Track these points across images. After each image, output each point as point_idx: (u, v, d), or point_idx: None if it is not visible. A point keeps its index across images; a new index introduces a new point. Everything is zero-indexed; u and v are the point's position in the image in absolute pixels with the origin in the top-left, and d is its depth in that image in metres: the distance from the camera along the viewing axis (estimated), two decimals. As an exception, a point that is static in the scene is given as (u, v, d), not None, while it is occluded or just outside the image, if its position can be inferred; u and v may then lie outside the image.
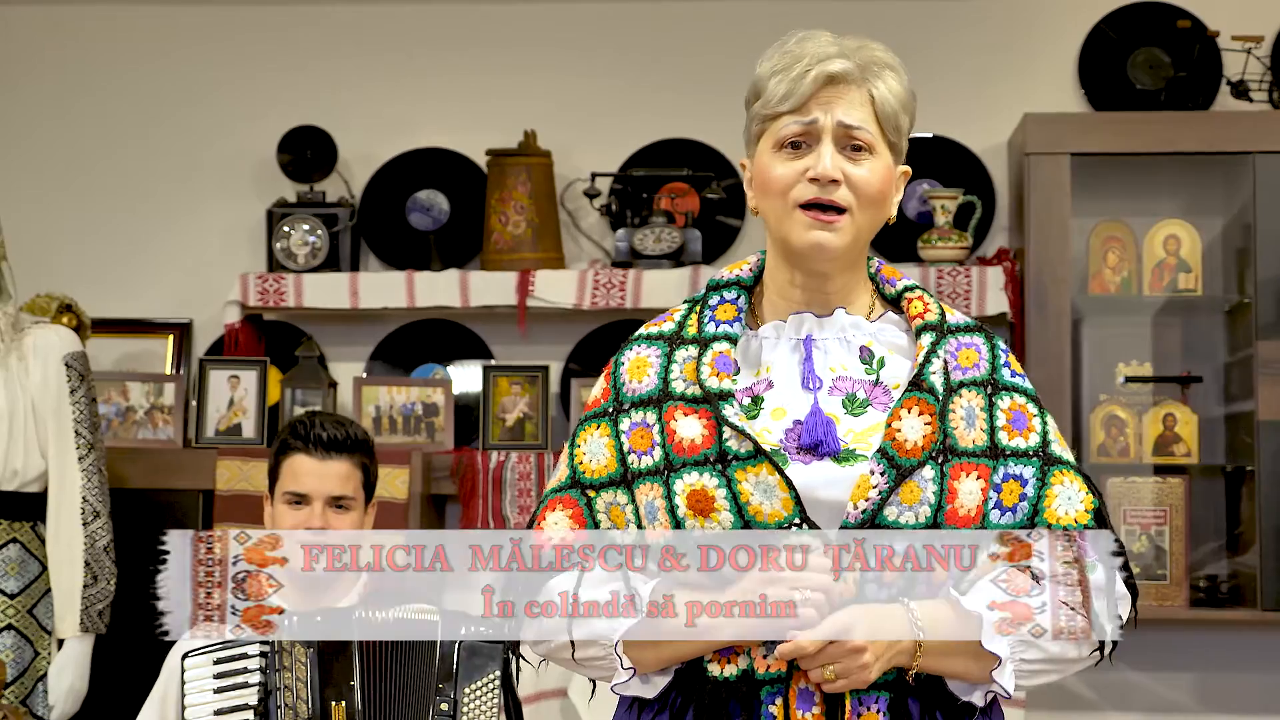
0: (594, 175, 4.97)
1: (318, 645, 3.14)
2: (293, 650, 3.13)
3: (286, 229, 4.95)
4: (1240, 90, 4.82)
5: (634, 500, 2.23)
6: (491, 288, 4.89)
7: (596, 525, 2.25)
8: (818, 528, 2.12)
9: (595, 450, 2.27)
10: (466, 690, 3.13)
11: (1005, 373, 2.26)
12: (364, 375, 5.05)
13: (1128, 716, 4.93)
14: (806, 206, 2.21)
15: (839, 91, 2.24)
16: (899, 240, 4.95)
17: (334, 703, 3.11)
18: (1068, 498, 2.21)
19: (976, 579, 2.17)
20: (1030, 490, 2.20)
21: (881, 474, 2.12)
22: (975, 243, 4.92)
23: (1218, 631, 4.85)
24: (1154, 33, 4.96)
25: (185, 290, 5.17)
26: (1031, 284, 4.63)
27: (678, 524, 2.16)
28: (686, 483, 2.16)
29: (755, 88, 2.30)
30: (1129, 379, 4.83)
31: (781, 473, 2.13)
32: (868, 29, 4.68)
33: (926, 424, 2.15)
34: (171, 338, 5.15)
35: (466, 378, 5.06)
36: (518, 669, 2.42)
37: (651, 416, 2.24)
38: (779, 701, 2.14)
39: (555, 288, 4.87)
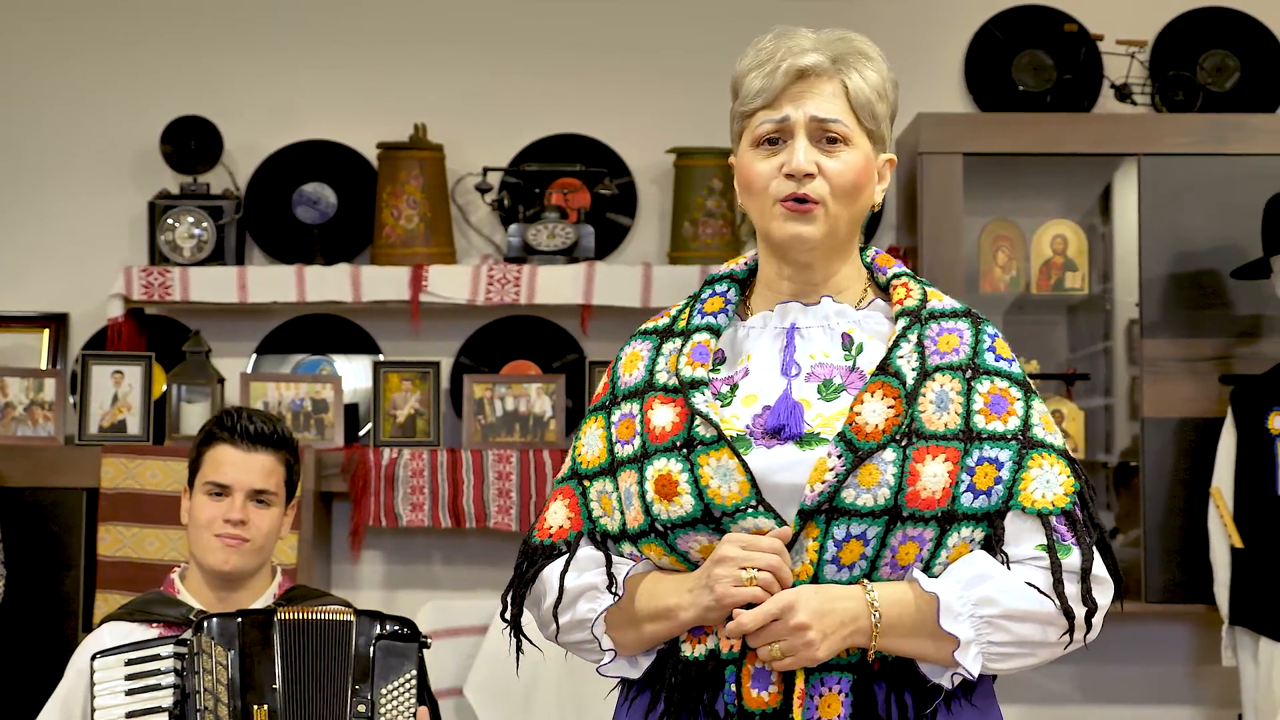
0: (486, 170, 4.93)
1: (239, 646, 3.08)
2: (212, 652, 3.07)
3: (171, 221, 4.85)
4: (1124, 93, 4.91)
5: (618, 488, 2.28)
6: (383, 283, 4.84)
7: (589, 513, 2.31)
8: (773, 511, 2.16)
9: (591, 442, 2.34)
10: (383, 690, 3.10)
11: (988, 357, 2.27)
12: (249, 371, 4.96)
13: (1011, 709, 4.95)
14: (784, 200, 2.24)
15: (811, 85, 2.26)
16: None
17: (256, 705, 3.06)
18: (1046, 480, 2.21)
19: (948, 563, 2.19)
20: (1005, 473, 2.20)
21: (839, 457, 2.15)
22: (864, 241, 4.95)
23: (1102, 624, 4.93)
24: (1038, 36, 5.04)
25: (61, 283, 5.04)
26: (924, 282, 4.67)
27: (646, 508, 2.21)
28: (656, 468, 2.21)
29: (733, 86, 2.32)
30: (1017, 376, 4.89)
31: (739, 457, 2.16)
32: (760, 27, 4.65)
33: (890, 408, 2.17)
34: (47, 332, 5.02)
35: (354, 373, 5.00)
36: None
37: (635, 407, 2.29)
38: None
39: (448, 283, 4.83)
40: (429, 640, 3.20)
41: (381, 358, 4.98)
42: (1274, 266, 4.38)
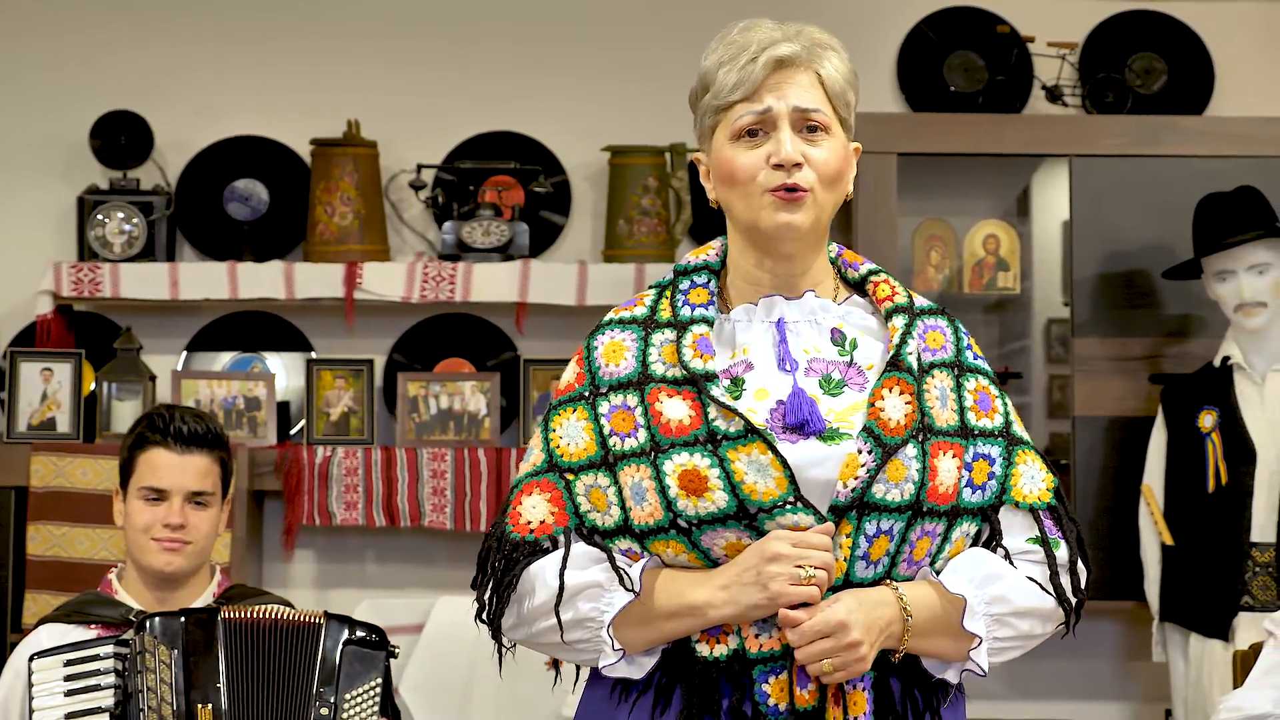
0: (420, 167, 4.91)
1: (183, 645, 3.05)
2: (155, 651, 3.04)
3: (100, 217, 4.80)
4: (1055, 95, 4.96)
5: (616, 482, 2.22)
6: (317, 280, 4.81)
7: (576, 507, 2.25)
8: (811, 506, 2.14)
9: (573, 433, 2.27)
10: (348, 696, 3.07)
11: (968, 355, 2.31)
12: (180, 368, 4.91)
13: (942, 705, 5.03)
14: (774, 190, 2.23)
15: (788, 75, 2.25)
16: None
17: (200, 704, 3.03)
18: (1030, 476, 2.26)
19: (949, 557, 2.23)
20: (998, 469, 2.25)
21: (869, 452, 2.15)
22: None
23: (1031, 621, 4.98)
24: (970, 37, 5.08)
25: (-16, 279, 4.98)
26: (858, 281, 4.70)
27: (669, 504, 2.16)
28: (677, 463, 2.16)
29: (704, 81, 2.30)
30: (948, 375, 4.93)
31: (775, 451, 2.14)
32: (695, 27, 4.68)
33: (907, 403, 2.19)
34: (-29, 329, 4.95)
35: (286, 371, 4.96)
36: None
37: (633, 399, 2.24)
38: (773, 680, 2.15)
39: (383, 280, 4.81)
40: (397, 649, 3.17)
41: (314, 355, 4.94)
42: (1205, 267, 4.43)
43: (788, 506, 2.14)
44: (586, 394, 2.29)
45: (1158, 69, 5.07)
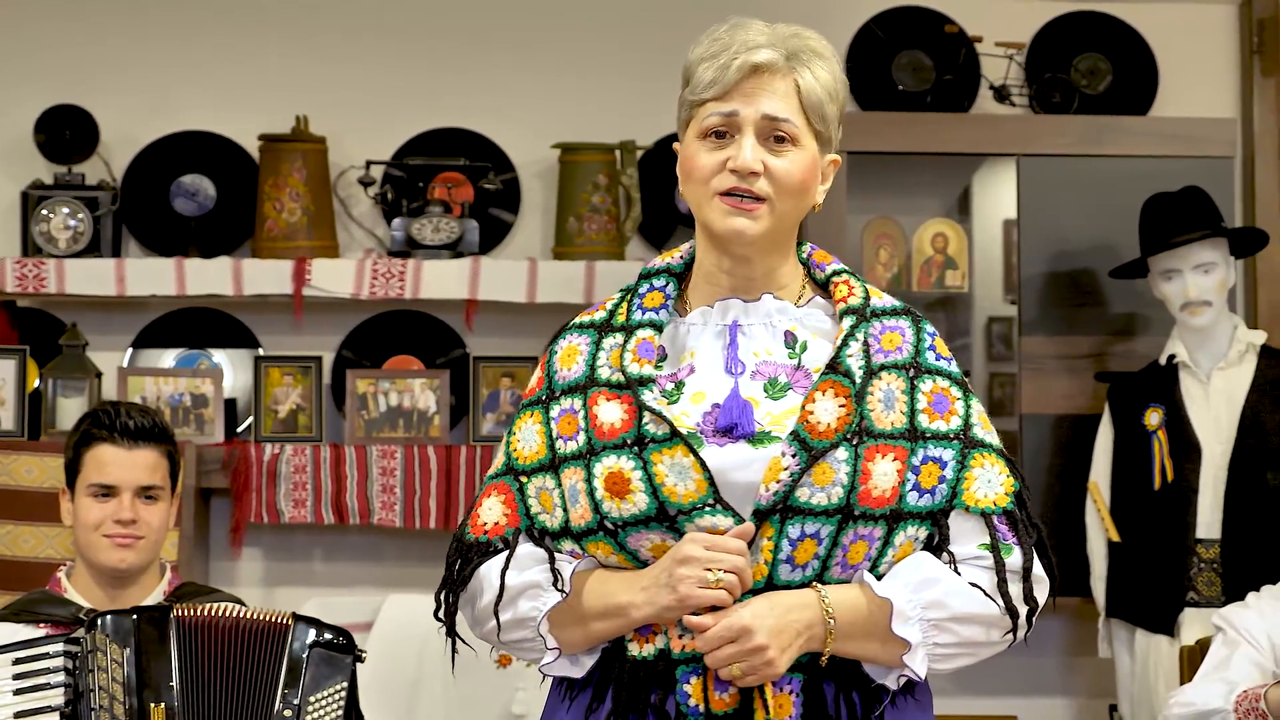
0: (369, 163, 4.89)
1: (135, 644, 3.03)
2: (107, 650, 3.02)
3: (45, 212, 4.75)
4: (1002, 94, 4.99)
5: (560, 484, 2.24)
6: (266, 276, 4.78)
7: (527, 509, 2.27)
8: (730, 509, 2.14)
9: (528, 437, 2.30)
10: (312, 698, 3.05)
11: (929, 356, 2.27)
12: (126, 365, 4.88)
13: (888, 701, 5.05)
14: (726, 194, 2.23)
15: (764, 81, 2.24)
16: (677, 234, 5.00)
17: (152, 703, 3.01)
18: (987, 480, 2.23)
19: (894, 562, 2.20)
20: (949, 472, 2.22)
21: (793, 456, 2.14)
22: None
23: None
24: (918, 36, 5.10)
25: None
26: (808, 279, 4.72)
27: (596, 506, 2.18)
28: (605, 465, 2.18)
29: (685, 73, 2.30)
30: (897, 373, 4.96)
31: (696, 454, 2.14)
32: (642, 24, 4.73)
33: (841, 406, 2.17)
34: (-88, 324, 4.90)
35: (233, 368, 4.93)
36: None
37: (578, 403, 2.26)
38: (694, 681, 2.16)
39: (332, 277, 4.79)
40: (364, 654, 3.15)
41: (262, 352, 4.92)
42: (1151, 266, 4.47)
43: (706, 509, 2.14)
44: (544, 398, 2.31)
45: (1103, 69, 5.11)
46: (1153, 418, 4.43)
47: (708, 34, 2.30)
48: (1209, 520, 4.34)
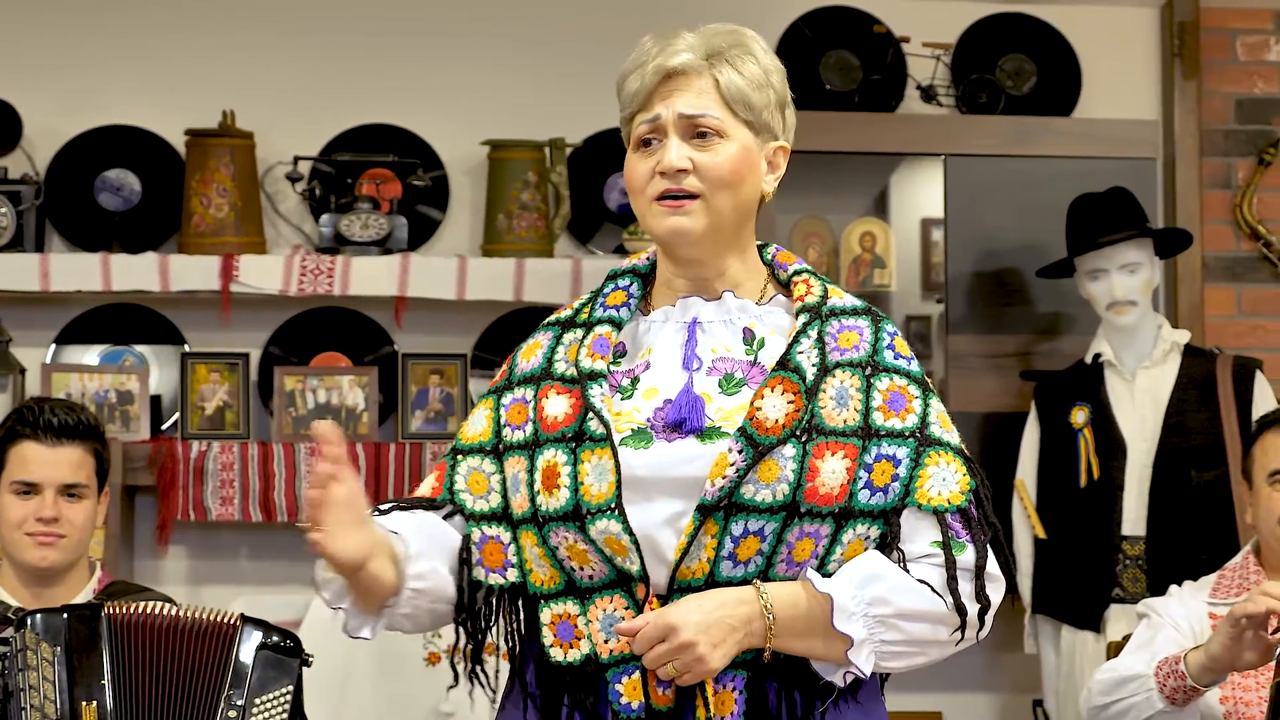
0: (296, 159, 4.86)
1: (65, 643, 2.99)
2: (38, 649, 2.98)
3: (-33, 206, 4.70)
4: (929, 95, 5.03)
5: (502, 471, 2.28)
6: (192, 272, 4.74)
7: (452, 485, 2.32)
8: (624, 518, 2.16)
9: (476, 421, 2.36)
10: (257, 701, 3.02)
11: (887, 355, 2.27)
12: (50, 361, 4.83)
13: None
14: (660, 198, 2.26)
15: (680, 83, 2.28)
16: (606, 232, 5.01)
17: (84, 702, 2.98)
18: (942, 479, 2.22)
19: (843, 560, 2.20)
20: (903, 470, 2.21)
21: (739, 452, 2.14)
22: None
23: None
24: (846, 36, 5.12)
25: None
26: (737, 277, 4.74)
27: (532, 497, 2.22)
28: (545, 458, 2.21)
29: (617, 90, 2.34)
30: (824, 371, 5.00)
31: (616, 457, 2.17)
32: (571, 21, 4.68)
33: (790, 403, 2.17)
34: None
35: (158, 364, 4.89)
36: None
37: (530, 393, 2.30)
38: (626, 680, 2.17)
39: (260, 273, 4.75)
40: (311, 658, 3.13)
41: (188, 348, 4.88)
42: (1078, 266, 4.52)
43: (604, 513, 2.15)
44: (501, 387, 2.36)
45: (1027, 70, 5.16)
46: (1079, 416, 4.47)
47: (636, 48, 2.33)
48: (1134, 518, 4.39)
